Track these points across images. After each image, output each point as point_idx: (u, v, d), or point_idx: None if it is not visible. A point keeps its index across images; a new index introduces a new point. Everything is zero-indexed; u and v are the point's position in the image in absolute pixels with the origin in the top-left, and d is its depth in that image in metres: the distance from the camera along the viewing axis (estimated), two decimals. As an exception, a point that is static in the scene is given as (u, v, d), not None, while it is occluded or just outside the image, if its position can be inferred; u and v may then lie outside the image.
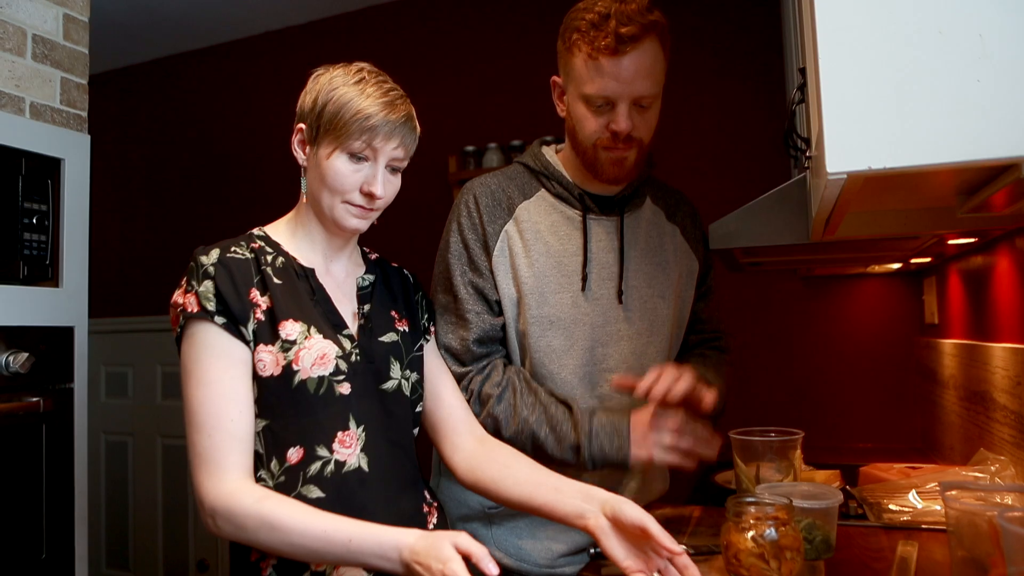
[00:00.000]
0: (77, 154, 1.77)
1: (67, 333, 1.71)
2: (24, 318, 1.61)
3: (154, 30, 3.38)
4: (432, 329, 1.26)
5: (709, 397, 1.22)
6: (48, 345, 1.66)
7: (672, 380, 1.19)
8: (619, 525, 0.98)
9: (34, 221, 1.65)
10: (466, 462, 1.18)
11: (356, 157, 1.06)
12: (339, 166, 1.05)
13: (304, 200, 1.14)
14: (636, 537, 0.97)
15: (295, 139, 1.12)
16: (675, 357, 1.43)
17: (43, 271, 1.68)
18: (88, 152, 1.80)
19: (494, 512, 1.31)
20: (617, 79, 1.19)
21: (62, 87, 1.81)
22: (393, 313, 1.18)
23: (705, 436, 1.24)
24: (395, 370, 1.13)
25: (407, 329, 1.18)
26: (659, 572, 0.96)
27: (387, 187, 1.09)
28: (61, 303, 1.71)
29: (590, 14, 1.20)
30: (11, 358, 1.55)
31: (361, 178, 1.07)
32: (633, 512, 0.96)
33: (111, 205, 3.72)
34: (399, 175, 1.12)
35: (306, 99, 1.10)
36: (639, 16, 1.18)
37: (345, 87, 1.06)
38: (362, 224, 1.10)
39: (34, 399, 1.61)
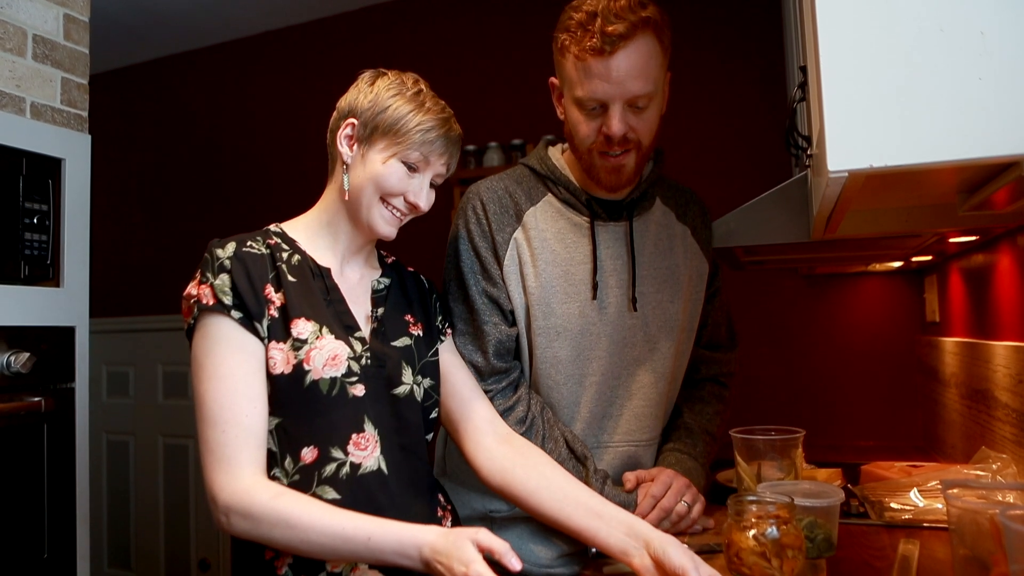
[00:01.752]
0: (78, 154, 1.77)
1: (68, 333, 1.71)
2: (25, 318, 1.61)
3: (154, 30, 3.38)
4: (448, 330, 1.25)
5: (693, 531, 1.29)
6: (49, 345, 1.66)
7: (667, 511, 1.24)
8: (661, 567, 0.97)
9: (35, 221, 1.65)
10: (495, 463, 1.16)
11: (409, 167, 1.08)
12: (395, 170, 1.08)
13: (334, 193, 1.13)
14: None
15: (343, 132, 1.11)
16: (684, 364, 1.40)
17: (44, 271, 1.68)
18: (89, 152, 1.80)
19: (496, 515, 1.31)
20: (607, 80, 1.15)
21: (63, 87, 1.81)
22: (408, 317, 1.17)
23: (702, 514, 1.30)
24: (407, 375, 1.11)
25: (421, 334, 1.17)
26: None
27: (429, 199, 1.12)
28: (62, 303, 1.71)
29: (579, 13, 1.17)
30: (12, 358, 1.55)
31: (408, 187, 1.09)
32: (678, 558, 0.95)
33: (112, 205, 3.72)
34: (435, 190, 1.15)
35: (360, 97, 1.11)
36: (627, 13, 1.13)
37: (403, 97, 1.09)
38: (393, 232, 1.12)
39: (36, 399, 1.61)
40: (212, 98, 3.58)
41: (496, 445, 1.17)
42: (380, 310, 1.14)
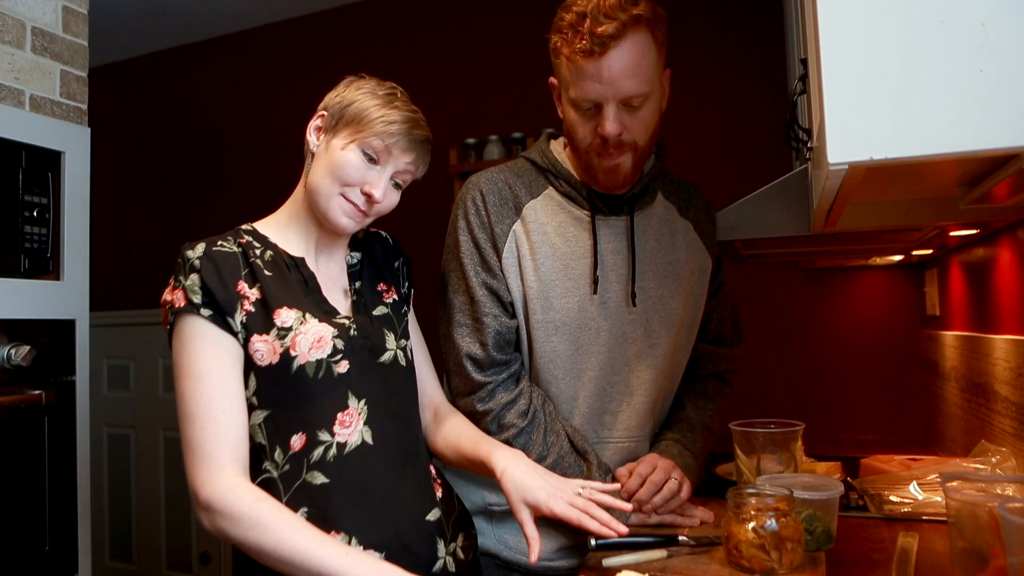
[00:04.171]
0: (77, 147, 1.77)
1: (68, 326, 1.71)
2: (25, 311, 1.61)
3: (153, 22, 3.37)
4: (411, 299, 1.27)
5: (692, 520, 1.29)
6: (50, 338, 1.66)
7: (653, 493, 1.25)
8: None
9: (34, 214, 1.65)
10: (427, 436, 1.25)
11: (369, 157, 1.08)
12: (352, 158, 1.07)
13: (302, 186, 1.14)
14: None
15: (313, 123, 1.13)
16: (683, 360, 1.40)
17: (44, 264, 1.68)
18: (88, 145, 1.80)
19: (496, 508, 1.31)
20: (599, 81, 1.13)
21: (62, 80, 1.81)
22: (381, 286, 1.20)
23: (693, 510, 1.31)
24: (390, 341, 1.14)
25: (396, 298, 1.21)
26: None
27: (387, 196, 1.11)
28: (62, 296, 1.71)
29: (569, 14, 1.15)
30: (13, 351, 1.56)
31: (366, 177, 1.08)
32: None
33: (111, 198, 3.72)
34: (399, 192, 1.14)
35: (333, 94, 1.13)
36: (617, 12, 1.10)
37: (375, 96, 1.09)
38: (351, 225, 1.11)
39: (36, 392, 1.61)
40: (212, 91, 3.58)
41: (430, 422, 1.26)
42: (358, 283, 1.18)
